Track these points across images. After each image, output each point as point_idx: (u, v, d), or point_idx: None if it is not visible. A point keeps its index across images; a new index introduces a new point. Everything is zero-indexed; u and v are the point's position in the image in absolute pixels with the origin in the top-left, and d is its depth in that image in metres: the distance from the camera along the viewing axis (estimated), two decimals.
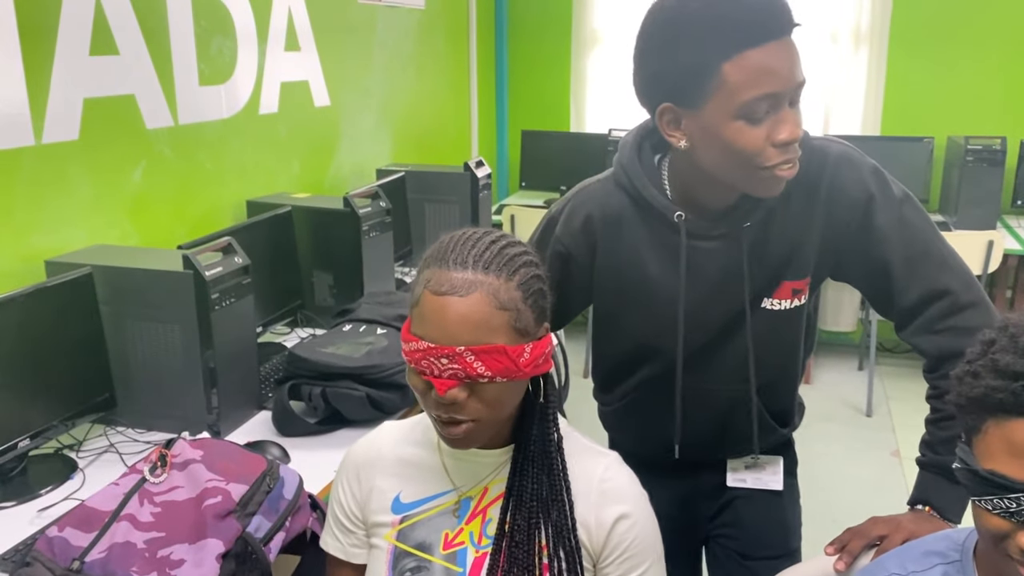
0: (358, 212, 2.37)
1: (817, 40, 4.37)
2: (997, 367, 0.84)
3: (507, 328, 0.99)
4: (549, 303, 1.08)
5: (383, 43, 3.52)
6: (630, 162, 1.33)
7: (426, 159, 3.90)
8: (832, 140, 1.32)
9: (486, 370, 0.98)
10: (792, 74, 1.12)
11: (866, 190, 1.27)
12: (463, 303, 0.98)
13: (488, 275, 1.00)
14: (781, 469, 1.51)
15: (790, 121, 1.12)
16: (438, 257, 1.02)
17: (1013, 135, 4.04)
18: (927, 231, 1.29)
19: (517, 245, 1.05)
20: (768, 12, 1.10)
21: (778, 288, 1.32)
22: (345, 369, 1.81)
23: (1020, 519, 0.83)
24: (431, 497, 1.14)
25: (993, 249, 3.69)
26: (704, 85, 1.12)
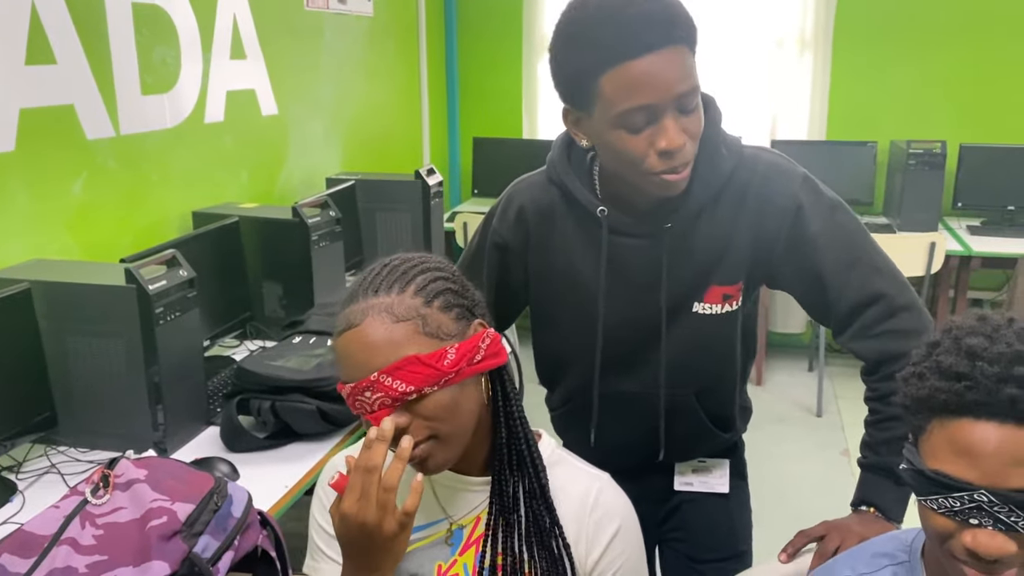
0: (307, 222, 2.34)
1: (763, 46, 4.45)
2: (941, 368, 0.85)
3: (415, 337, 0.98)
4: (474, 299, 1.07)
5: (332, 50, 3.49)
6: (559, 158, 1.35)
7: (377, 167, 3.87)
8: (763, 149, 1.34)
9: (407, 386, 0.97)
10: (669, 86, 1.12)
11: (795, 199, 1.29)
12: (360, 331, 0.98)
13: (378, 296, 1.00)
14: (727, 472, 1.52)
15: (670, 130, 1.14)
16: (340, 303, 1.04)
17: (953, 139, 4.14)
18: (859, 237, 1.31)
19: (415, 259, 1.05)
20: (645, 25, 1.11)
21: (707, 292, 1.33)
22: (295, 382, 1.78)
23: (964, 518, 0.84)
24: (422, 527, 1.12)
25: (935, 251, 3.78)
26: (588, 94, 1.16)
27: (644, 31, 1.11)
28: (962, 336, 0.86)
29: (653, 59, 1.11)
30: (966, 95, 4.33)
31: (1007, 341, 0.83)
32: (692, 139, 1.18)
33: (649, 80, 1.11)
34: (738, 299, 1.35)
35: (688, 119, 1.16)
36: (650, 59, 1.11)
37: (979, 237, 4.02)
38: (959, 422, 0.83)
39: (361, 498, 0.94)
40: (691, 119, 1.17)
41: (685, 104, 1.15)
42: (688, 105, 1.15)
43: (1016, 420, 0.80)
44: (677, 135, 1.14)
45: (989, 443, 0.81)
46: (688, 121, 1.16)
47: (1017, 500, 0.81)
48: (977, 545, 0.83)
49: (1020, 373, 0.80)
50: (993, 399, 0.81)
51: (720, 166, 1.27)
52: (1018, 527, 0.81)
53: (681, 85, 1.13)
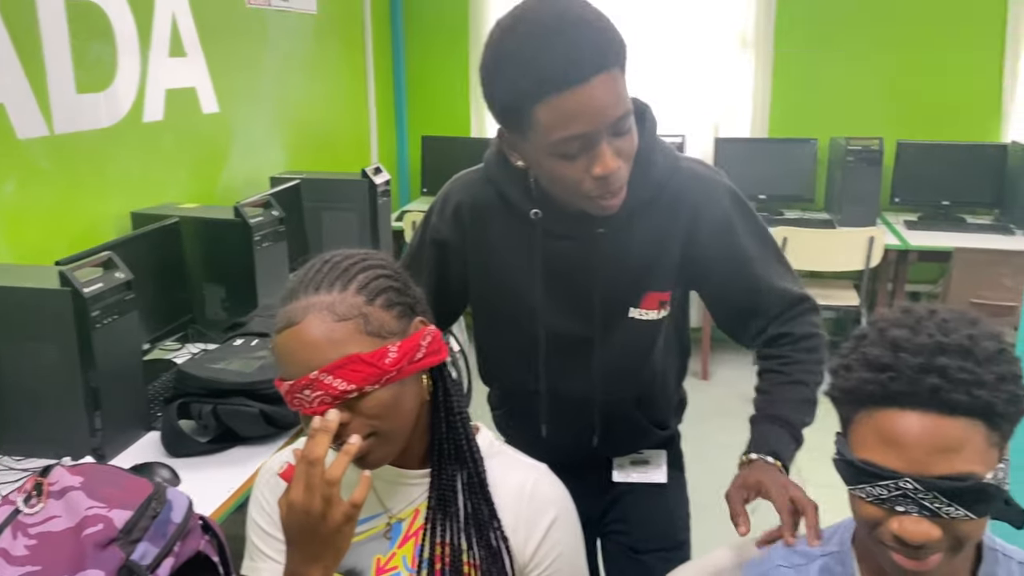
0: (249, 222, 2.31)
1: (706, 45, 4.51)
2: (867, 360, 0.88)
3: (357, 336, 0.98)
4: (415, 296, 1.07)
5: (275, 48, 3.45)
6: (494, 158, 1.35)
7: (324, 166, 3.83)
8: (698, 162, 1.37)
9: (348, 384, 0.96)
10: (603, 113, 1.11)
11: (727, 215, 1.33)
12: (300, 330, 0.97)
13: (319, 294, 0.99)
14: (665, 463, 1.54)
15: (606, 156, 1.14)
16: (280, 299, 1.02)
17: (890, 136, 4.25)
18: (775, 248, 1.39)
19: (356, 256, 1.04)
20: (579, 54, 1.09)
21: (644, 298, 1.35)
22: (237, 385, 1.76)
23: (891, 506, 0.86)
24: (361, 521, 1.11)
25: (874, 245, 3.87)
26: (522, 121, 1.14)
27: (578, 61, 1.09)
28: (887, 328, 0.89)
29: (588, 88, 1.09)
30: (903, 93, 4.44)
31: (929, 332, 0.86)
32: (627, 160, 1.18)
33: (585, 110, 1.10)
34: (669, 305, 1.39)
35: (622, 141, 1.16)
36: (585, 89, 1.09)
37: (916, 231, 4.13)
38: (884, 412, 0.86)
39: (306, 489, 0.94)
40: (625, 140, 1.17)
41: (619, 128, 1.15)
42: (622, 128, 1.15)
43: (938, 409, 0.83)
44: (612, 160, 1.14)
45: (912, 432, 0.84)
46: (622, 142, 1.16)
47: (940, 487, 0.83)
48: (903, 531, 0.85)
49: (941, 363, 0.83)
50: (916, 389, 0.83)
51: (653, 174, 1.28)
52: (941, 513, 0.84)
53: (616, 110, 1.13)
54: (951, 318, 0.88)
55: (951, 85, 4.40)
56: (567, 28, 1.10)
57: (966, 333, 0.85)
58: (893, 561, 0.89)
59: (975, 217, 4.34)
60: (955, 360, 0.83)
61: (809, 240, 3.94)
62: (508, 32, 1.13)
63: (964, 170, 4.28)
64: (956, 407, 0.82)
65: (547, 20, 1.10)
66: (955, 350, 0.84)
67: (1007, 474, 0.87)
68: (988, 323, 0.89)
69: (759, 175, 4.42)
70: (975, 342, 0.84)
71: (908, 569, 0.88)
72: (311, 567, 0.97)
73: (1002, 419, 0.84)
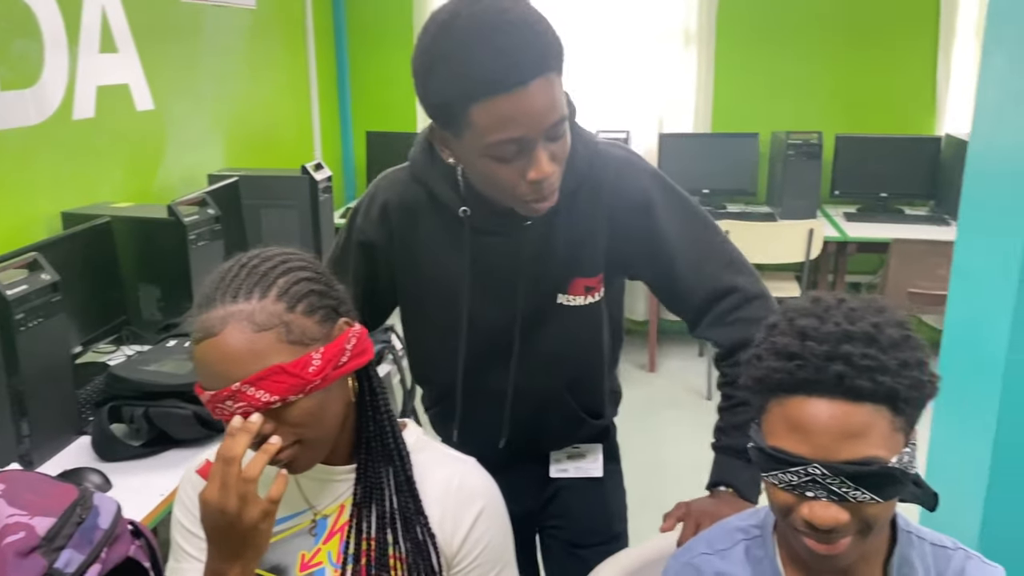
0: (183, 220, 2.27)
1: (649, 41, 4.54)
2: (776, 349, 0.89)
3: (278, 345, 0.96)
4: (339, 297, 1.05)
5: (212, 44, 3.39)
6: (421, 156, 1.34)
7: (266, 163, 3.78)
8: (614, 144, 1.36)
9: (271, 396, 0.95)
10: (541, 118, 1.10)
11: (646, 194, 1.32)
12: (219, 341, 0.95)
13: (237, 303, 0.96)
14: (601, 456, 1.55)
15: (541, 161, 1.13)
16: (196, 304, 0.99)
17: (829, 130, 4.34)
18: (709, 231, 1.36)
19: (275, 258, 1.01)
20: (511, 62, 1.07)
21: (571, 284, 1.35)
22: (169, 387, 1.73)
23: (801, 491, 0.88)
24: (285, 518, 1.10)
25: (814, 237, 3.94)
26: (457, 121, 1.13)
27: (515, 65, 1.07)
28: (795, 317, 0.90)
29: (527, 92, 1.08)
30: (841, 88, 4.53)
31: (835, 321, 0.88)
32: (560, 164, 1.18)
33: (521, 114, 1.09)
34: (600, 290, 1.38)
35: (557, 145, 1.15)
36: (524, 93, 1.08)
37: (855, 223, 4.22)
38: (793, 400, 0.87)
39: (221, 487, 0.94)
40: (559, 144, 1.16)
41: (555, 133, 1.14)
42: (558, 133, 1.15)
43: (844, 396, 0.85)
44: (547, 165, 1.14)
45: (819, 419, 0.85)
46: (557, 147, 1.16)
47: (847, 472, 0.85)
48: (813, 516, 0.87)
49: (846, 351, 0.85)
50: (822, 376, 0.85)
51: (576, 164, 1.27)
52: (849, 497, 0.86)
53: (553, 115, 1.12)
54: (858, 307, 0.90)
55: (887, 80, 4.50)
56: (507, 28, 1.07)
57: (871, 321, 0.87)
58: (806, 546, 0.91)
59: (912, 209, 4.45)
60: (859, 347, 0.85)
61: (751, 233, 4.00)
62: (444, 29, 1.10)
63: (901, 163, 4.38)
64: (860, 393, 0.84)
65: (487, 18, 1.07)
66: (860, 338, 0.85)
67: (914, 458, 0.89)
68: (895, 311, 0.91)
69: (702, 169, 4.47)
70: (880, 330, 0.86)
71: (820, 553, 0.90)
72: (230, 564, 0.96)
73: (906, 404, 0.86)
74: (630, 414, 1.63)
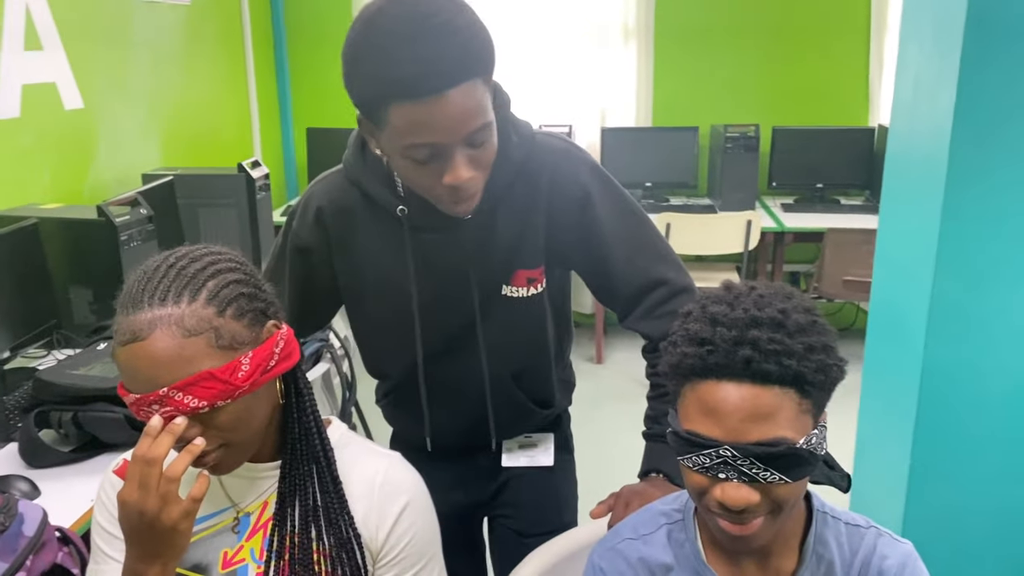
0: (114, 221, 2.22)
1: (589, 36, 4.58)
2: (689, 335, 0.92)
3: (208, 350, 0.94)
4: (267, 299, 1.04)
5: (144, 41, 3.32)
6: (354, 158, 1.32)
7: (204, 162, 3.72)
8: (552, 136, 1.36)
9: (200, 401, 0.94)
10: (458, 126, 1.08)
11: (584, 187, 1.32)
12: (146, 346, 0.93)
13: (165, 307, 0.94)
14: (552, 446, 1.56)
15: (459, 168, 1.11)
16: (120, 304, 0.96)
17: (765, 122, 4.42)
18: (643, 226, 1.38)
19: (204, 258, 0.99)
20: (428, 70, 1.04)
21: (514, 276, 1.36)
22: (99, 390, 1.70)
23: (714, 473, 0.90)
24: (207, 516, 1.10)
25: (752, 228, 4.02)
26: (377, 117, 1.11)
27: (436, 72, 1.04)
28: (708, 304, 0.93)
29: (443, 101, 1.05)
30: (777, 81, 4.62)
31: (744, 307, 0.90)
32: (483, 169, 1.16)
33: (438, 122, 1.07)
34: (542, 281, 1.38)
35: (479, 151, 1.13)
36: (440, 101, 1.05)
37: (792, 214, 4.31)
38: (704, 384, 0.90)
39: (140, 488, 0.93)
40: (482, 150, 1.14)
41: (476, 139, 1.12)
42: (479, 139, 1.12)
43: (751, 379, 0.88)
44: (464, 171, 1.12)
45: (729, 402, 0.88)
46: (479, 152, 1.13)
47: (756, 453, 0.88)
48: (725, 497, 0.90)
49: (754, 336, 0.88)
50: (730, 361, 0.88)
51: (512, 155, 1.27)
52: (759, 478, 0.89)
53: (473, 123, 1.09)
54: (767, 293, 0.93)
55: (822, 72, 4.60)
56: (428, 34, 1.04)
57: (779, 307, 0.90)
58: (721, 528, 0.93)
59: (847, 198, 4.56)
60: (766, 332, 0.87)
61: (692, 225, 4.06)
62: (368, 25, 1.08)
63: (836, 154, 4.48)
64: (768, 376, 0.87)
65: (410, 21, 1.05)
66: (767, 323, 0.88)
67: (824, 440, 0.92)
68: (803, 297, 0.94)
69: (644, 163, 4.52)
70: (787, 315, 0.89)
71: (734, 534, 0.92)
72: (149, 565, 0.96)
73: (812, 387, 0.89)
74: (578, 405, 1.65)
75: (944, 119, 1.46)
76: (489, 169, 1.19)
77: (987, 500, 1.61)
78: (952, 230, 1.49)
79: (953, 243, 1.50)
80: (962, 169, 1.46)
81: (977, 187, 1.47)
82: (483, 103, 1.11)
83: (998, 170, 1.46)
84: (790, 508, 0.93)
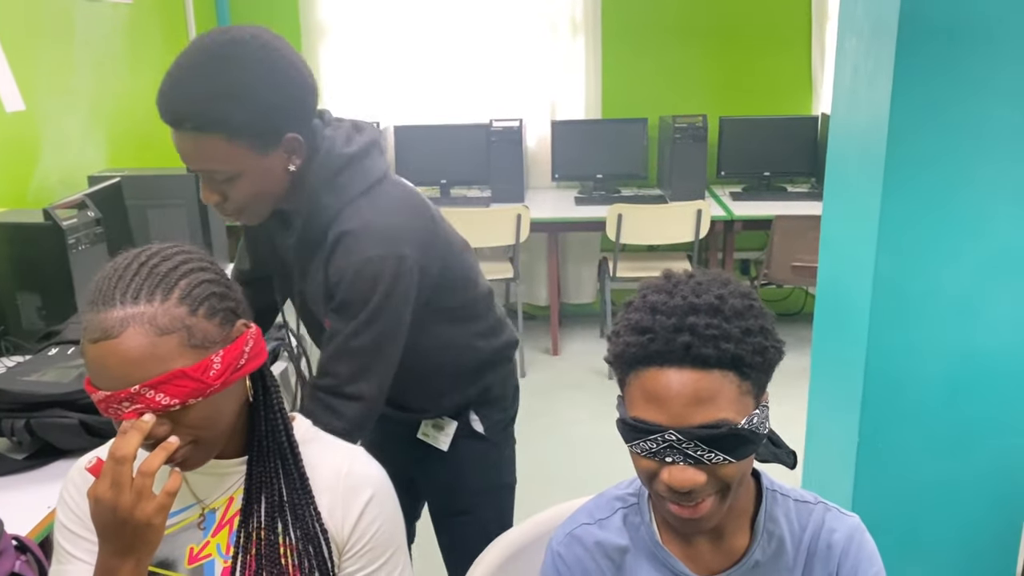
0: (61, 224, 2.18)
1: (538, 31, 4.60)
2: (631, 324, 0.95)
3: (180, 349, 0.95)
4: (236, 298, 1.05)
5: (87, 41, 3.26)
6: None
7: (152, 162, 3.66)
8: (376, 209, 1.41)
9: (172, 399, 0.95)
10: (185, 159, 1.32)
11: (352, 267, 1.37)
12: (119, 344, 0.93)
13: (138, 305, 0.94)
14: (452, 432, 1.66)
15: (203, 189, 1.35)
16: (90, 300, 0.96)
17: (713, 113, 4.48)
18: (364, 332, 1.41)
19: (175, 257, 1.00)
20: (160, 105, 1.34)
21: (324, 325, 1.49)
22: (52, 396, 1.67)
23: (661, 457, 0.93)
24: (173, 513, 1.09)
25: (702, 217, 4.08)
26: None
27: (160, 109, 1.32)
28: (648, 293, 0.96)
29: (175, 134, 1.32)
30: (723, 71, 4.69)
31: (683, 295, 0.93)
32: (230, 202, 1.34)
33: (178, 149, 1.33)
34: None
35: (222, 186, 1.32)
36: (174, 133, 1.32)
37: (740, 202, 4.39)
38: (647, 371, 0.93)
39: (113, 485, 0.94)
40: (224, 186, 1.32)
41: (208, 177, 1.33)
42: (211, 179, 1.32)
43: (692, 364, 0.91)
44: (206, 195, 1.35)
45: (671, 387, 0.91)
46: (217, 186, 1.33)
47: (700, 435, 0.91)
48: (672, 480, 0.93)
49: (692, 322, 0.91)
50: (671, 348, 0.91)
51: (321, 215, 1.39)
52: (704, 460, 0.92)
53: (192, 163, 1.33)
54: (705, 280, 0.96)
55: (767, 63, 4.68)
56: (168, 77, 1.32)
57: (716, 293, 0.93)
58: (671, 512, 0.96)
59: (794, 186, 4.65)
60: (704, 318, 0.91)
61: (643, 215, 4.11)
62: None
63: (782, 142, 4.57)
64: (707, 361, 0.90)
65: (179, 59, 1.32)
66: (704, 309, 0.91)
67: (765, 419, 0.96)
68: (739, 283, 0.98)
69: (595, 155, 4.56)
70: (723, 300, 0.92)
71: (683, 517, 0.95)
72: (123, 560, 0.96)
73: (751, 369, 0.92)
74: (535, 396, 1.71)
75: (882, 107, 1.52)
76: (244, 208, 1.36)
77: (932, 472, 1.68)
78: (892, 213, 1.55)
79: (893, 226, 1.55)
80: (900, 154, 1.52)
81: (914, 171, 1.53)
82: (205, 152, 1.30)
83: (934, 154, 1.52)
84: (736, 487, 0.97)
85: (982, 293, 1.58)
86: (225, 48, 1.28)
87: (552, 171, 4.57)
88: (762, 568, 1.05)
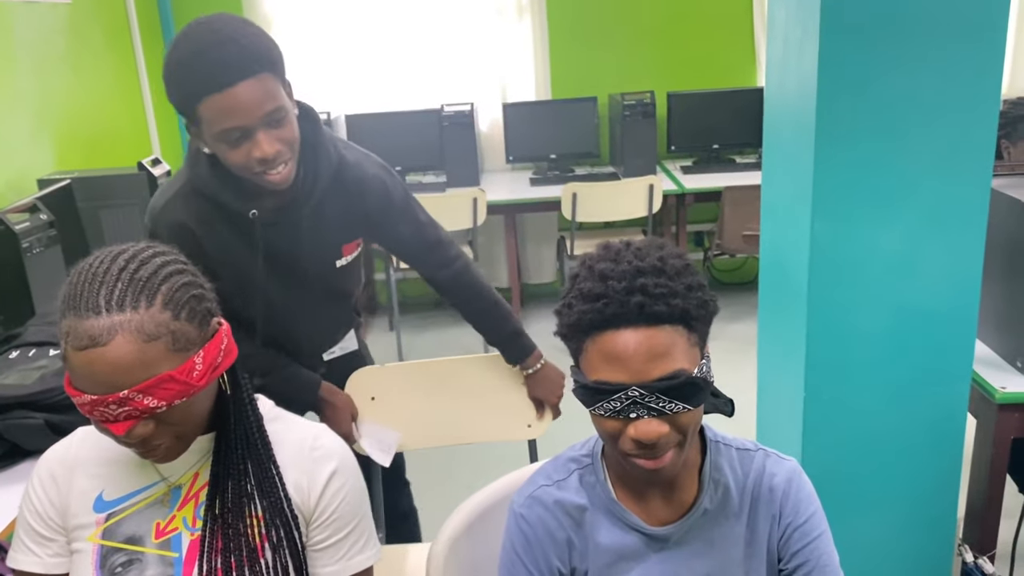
0: (13, 229, 2.18)
1: (484, 15, 4.62)
2: (583, 293, 1.00)
3: (166, 354, 0.98)
4: (211, 296, 1.08)
5: (26, 43, 3.22)
6: (205, 172, 1.55)
7: (102, 163, 3.63)
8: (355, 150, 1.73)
9: (160, 402, 0.98)
10: (254, 109, 1.41)
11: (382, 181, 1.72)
12: (108, 352, 0.95)
13: (124, 312, 0.96)
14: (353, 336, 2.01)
15: (263, 143, 1.43)
16: (71, 305, 0.97)
17: (660, 89, 4.55)
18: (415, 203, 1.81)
19: (153, 261, 1.02)
20: (221, 67, 1.38)
21: (343, 249, 1.76)
22: (15, 398, 1.69)
23: (625, 415, 0.99)
24: (138, 491, 1.14)
25: (654, 192, 4.15)
26: (192, 115, 1.44)
27: (221, 72, 1.38)
28: (594, 264, 1.01)
29: (234, 92, 1.38)
30: (668, 47, 4.76)
31: (628, 260, 0.99)
32: (287, 144, 1.47)
33: (234, 108, 1.39)
34: (355, 250, 1.79)
35: (279, 130, 1.45)
36: (231, 92, 1.38)
37: (691, 176, 4.46)
38: (604, 335, 0.98)
39: None
40: (282, 130, 1.46)
41: (271, 120, 1.43)
42: (274, 120, 1.44)
43: (646, 322, 0.97)
44: (269, 146, 1.44)
45: (629, 346, 0.97)
46: (280, 131, 1.45)
47: (660, 388, 0.97)
48: (639, 433, 0.99)
49: (642, 283, 0.97)
50: (625, 309, 0.97)
51: (325, 162, 1.62)
52: (666, 410, 0.98)
53: (265, 106, 1.42)
54: (643, 245, 1.02)
55: (711, 36, 4.75)
56: (218, 44, 1.39)
57: (657, 255, 0.99)
58: (637, 466, 1.02)
59: (742, 157, 4.75)
60: (651, 279, 0.97)
61: (597, 193, 4.17)
62: (178, 43, 1.43)
63: (728, 115, 4.65)
64: (659, 317, 0.96)
65: (205, 36, 1.40)
66: (650, 271, 0.97)
67: (710, 369, 1.02)
68: (672, 246, 1.04)
69: (547, 136, 4.61)
70: (664, 261, 0.99)
71: (650, 469, 1.02)
72: None
73: (696, 321, 0.99)
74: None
75: (809, 75, 1.58)
76: (293, 145, 1.49)
77: (875, 423, 1.75)
78: (824, 178, 1.61)
79: (827, 191, 1.62)
80: (829, 121, 1.58)
81: (843, 137, 1.59)
82: (273, 91, 1.43)
83: (861, 120, 1.58)
84: (692, 435, 1.03)
85: (914, 252, 1.65)
86: (229, 15, 1.47)
87: (506, 153, 4.61)
88: (711, 515, 1.11)
